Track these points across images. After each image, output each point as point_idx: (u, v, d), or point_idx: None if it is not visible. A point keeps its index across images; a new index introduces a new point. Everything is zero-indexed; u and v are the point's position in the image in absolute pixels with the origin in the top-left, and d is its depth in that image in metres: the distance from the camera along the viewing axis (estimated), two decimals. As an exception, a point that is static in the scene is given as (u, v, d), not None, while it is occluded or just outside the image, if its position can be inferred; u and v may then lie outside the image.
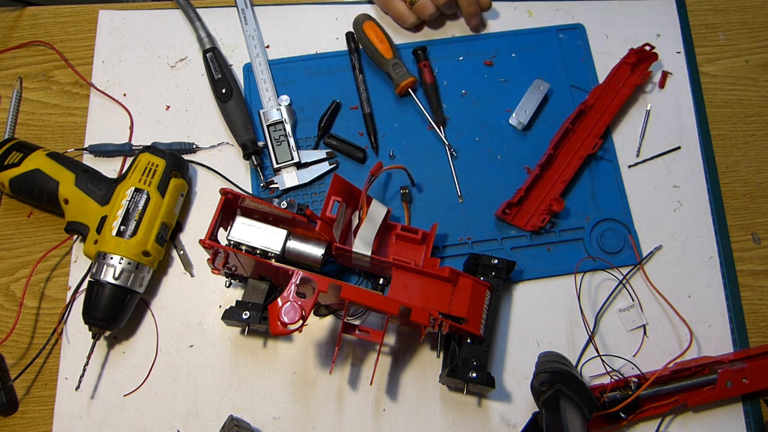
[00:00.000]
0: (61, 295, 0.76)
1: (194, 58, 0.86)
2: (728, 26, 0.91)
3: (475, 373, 0.66)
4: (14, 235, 0.79)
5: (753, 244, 0.81)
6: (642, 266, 0.78)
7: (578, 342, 0.75)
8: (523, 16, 0.90)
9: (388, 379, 0.73)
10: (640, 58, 0.84)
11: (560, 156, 0.81)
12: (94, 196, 0.73)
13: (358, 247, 0.70)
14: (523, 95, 0.84)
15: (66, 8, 0.89)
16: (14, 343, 0.75)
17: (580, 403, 0.62)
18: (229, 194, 0.67)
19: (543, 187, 0.80)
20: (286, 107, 0.82)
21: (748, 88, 0.88)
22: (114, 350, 0.74)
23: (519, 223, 0.78)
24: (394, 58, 0.83)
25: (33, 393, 0.73)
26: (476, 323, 0.69)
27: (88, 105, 0.84)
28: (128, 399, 0.72)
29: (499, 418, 0.72)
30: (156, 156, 0.75)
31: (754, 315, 0.78)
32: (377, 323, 0.75)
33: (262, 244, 0.68)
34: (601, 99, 0.82)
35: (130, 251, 0.70)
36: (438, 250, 0.78)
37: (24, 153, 0.75)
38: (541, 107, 0.84)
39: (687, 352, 0.75)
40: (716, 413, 0.73)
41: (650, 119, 0.85)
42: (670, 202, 0.82)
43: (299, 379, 0.73)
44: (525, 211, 0.79)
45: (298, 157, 0.80)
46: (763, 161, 0.85)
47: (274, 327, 0.61)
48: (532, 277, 0.78)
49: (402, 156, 0.82)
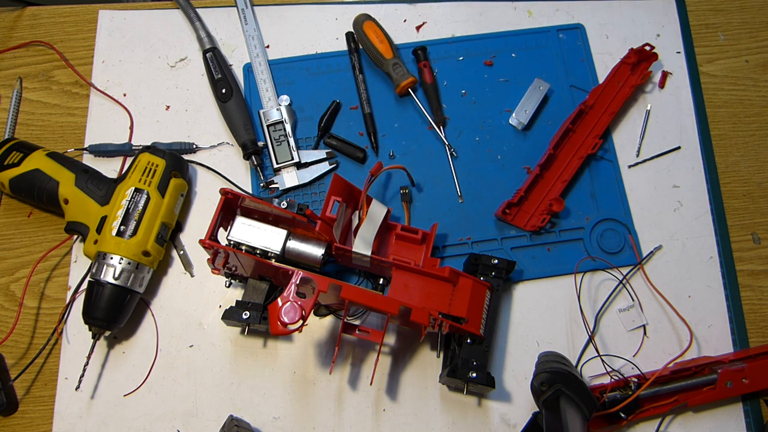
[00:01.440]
0: (61, 295, 0.76)
1: (194, 58, 0.86)
2: (728, 26, 0.91)
3: (475, 373, 0.66)
4: (14, 235, 0.79)
5: (753, 244, 0.81)
6: (642, 266, 0.78)
7: (578, 342, 0.75)
8: (523, 16, 0.90)
9: (388, 379, 0.73)
10: (640, 58, 0.84)
11: (560, 156, 0.81)
12: (94, 196, 0.73)
13: (358, 247, 0.70)
14: (523, 95, 0.84)
15: (66, 8, 0.89)
16: (14, 343, 0.75)
17: (580, 403, 0.62)
18: (229, 194, 0.67)
19: (543, 187, 0.80)
20: (286, 107, 0.82)
21: (748, 88, 0.88)
22: (114, 350, 0.74)
23: (519, 223, 0.78)
24: (393, 58, 0.83)
25: (33, 393, 0.73)
26: (476, 323, 0.69)
27: (88, 105, 0.84)
28: (128, 399, 0.72)
29: (499, 418, 0.72)
30: (156, 156, 0.75)
31: (754, 315, 0.78)
32: (377, 323, 0.75)
33: (262, 244, 0.68)
34: (601, 99, 0.82)
35: (130, 251, 0.70)
36: (438, 250, 0.78)
37: (24, 153, 0.75)
38: (541, 107, 0.84)
39: (687, 352, 0.75)
40: (716, 413, 0.73)
41: (650, 119, 0.85)
42: (670, 202, 0.82)
43: (299, 379, 0.73)
44: (525, 211, 0.79)
45: (298, 157, 0.80)
46: (763, 161, 0.85)
47: (274, 327, 0.61)
48: (532, 277, 0.78)
49: (402, 156, 0.82)
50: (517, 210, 0.79)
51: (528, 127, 0.83)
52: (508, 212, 0.78)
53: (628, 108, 0.85)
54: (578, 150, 0.81)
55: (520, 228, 0.79)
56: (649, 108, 0.85)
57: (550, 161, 0.80)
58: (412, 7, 0.90)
